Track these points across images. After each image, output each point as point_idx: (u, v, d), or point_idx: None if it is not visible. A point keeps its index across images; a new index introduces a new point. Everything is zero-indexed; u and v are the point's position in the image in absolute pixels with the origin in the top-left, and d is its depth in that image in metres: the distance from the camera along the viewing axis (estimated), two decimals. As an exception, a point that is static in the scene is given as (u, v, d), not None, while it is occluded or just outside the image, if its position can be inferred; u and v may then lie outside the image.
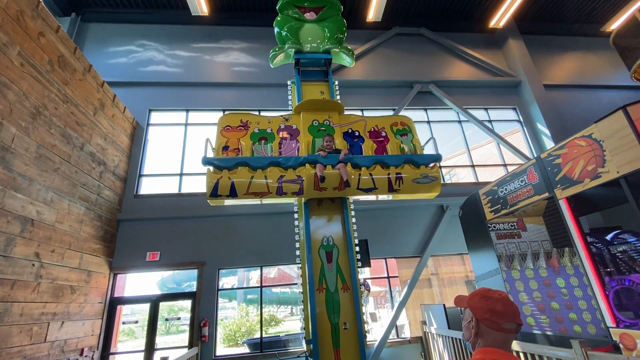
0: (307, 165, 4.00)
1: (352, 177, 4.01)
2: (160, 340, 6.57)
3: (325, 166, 3.95)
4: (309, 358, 3.80)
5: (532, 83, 9.48)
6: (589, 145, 3.55)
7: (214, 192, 3.83)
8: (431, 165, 4.33)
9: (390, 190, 4.09)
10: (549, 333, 4.07)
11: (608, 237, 4.34)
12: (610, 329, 3.22)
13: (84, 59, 5.99)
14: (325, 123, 4.60)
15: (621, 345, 3.09)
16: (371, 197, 4.48)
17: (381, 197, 4.44)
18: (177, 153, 7.98)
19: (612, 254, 4.16)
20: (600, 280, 3.40)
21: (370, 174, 4.09)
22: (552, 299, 4.29)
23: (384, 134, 4.70)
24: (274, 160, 4.01)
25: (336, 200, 4.43)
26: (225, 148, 4.27)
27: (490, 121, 9.41)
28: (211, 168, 3.96)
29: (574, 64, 10.73)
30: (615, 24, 9.60)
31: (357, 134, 4.66)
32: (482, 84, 9.78)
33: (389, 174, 4.11)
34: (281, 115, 4.71)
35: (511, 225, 5.28)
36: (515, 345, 3.82)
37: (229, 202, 4.08)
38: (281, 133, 4.54)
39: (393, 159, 4.20)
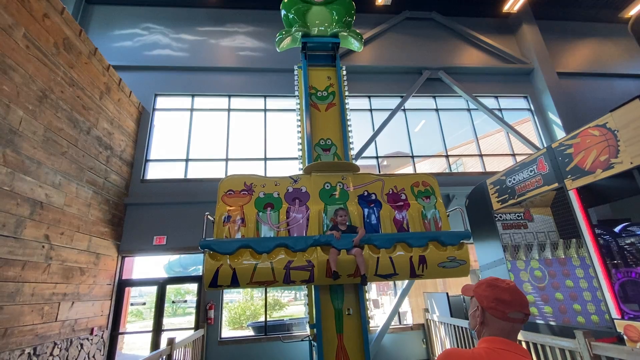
0: (318, 248, 3.53)
1: (369, 264, 3.54)
2: (167, 322, 6.74)
3: (339, 251, 3.45)
4: (312, 342, 3.87)
5: (545, 70, 9.20)
6: (603, 135, 3.46)
7: (214, 282, 3.36)
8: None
9: (413, 275, 3.62)
10: (552, 323, 4.08)
11: (616, 229, 4.29)
12: (615, 321, 3.21)
13: (89, 42, 5.94)
14: (338, 187, 4.14)
15: (625, 337, 3.09)
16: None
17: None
18: (184, 138, 7.99)
19: (620, 246, 4.12)
20: (607, 272, 3.37)
21: (390, 257, 3.59)
22: (557, 290, 4.28)
23: (403, 196, 4.18)
24: (282, 243, 3.54)
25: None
26: (227, 219, 3.77)
27: (500, 110, 9.22)
28: (209, 252, 3.43)
29: (590, 51, 10.37)
30: (634, 10, 9.21)
31: (373, 197, 4.13)
32: (493, 71, 9.53)
33: (411, 256, 3.62)
34: (289, 176, 4.22)
35: (518, 216, 5.23)
36: (518, 335, 3.83)
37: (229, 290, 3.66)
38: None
39: (416, 239, 3.68)
